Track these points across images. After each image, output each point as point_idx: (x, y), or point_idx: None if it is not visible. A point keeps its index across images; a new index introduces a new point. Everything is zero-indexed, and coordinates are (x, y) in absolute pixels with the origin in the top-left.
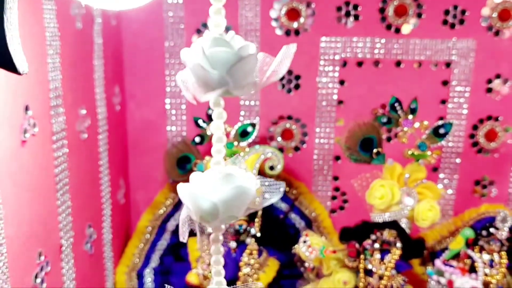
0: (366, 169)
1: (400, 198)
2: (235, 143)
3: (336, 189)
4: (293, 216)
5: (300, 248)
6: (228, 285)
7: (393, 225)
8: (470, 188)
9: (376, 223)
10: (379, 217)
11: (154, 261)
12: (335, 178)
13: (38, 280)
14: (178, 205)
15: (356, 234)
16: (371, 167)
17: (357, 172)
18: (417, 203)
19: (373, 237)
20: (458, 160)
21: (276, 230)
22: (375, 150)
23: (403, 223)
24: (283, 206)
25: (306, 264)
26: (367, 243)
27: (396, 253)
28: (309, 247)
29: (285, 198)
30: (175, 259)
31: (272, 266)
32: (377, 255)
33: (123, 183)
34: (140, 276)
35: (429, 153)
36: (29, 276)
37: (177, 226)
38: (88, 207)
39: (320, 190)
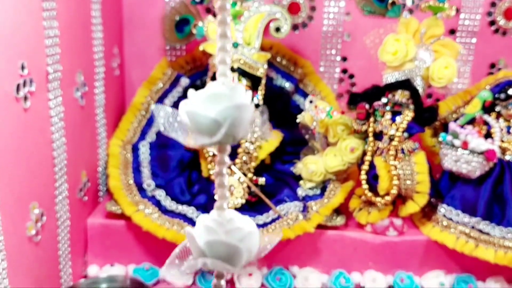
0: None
1: (415, 53)
2: (238, 3)
3: (344, 71)
4: (297, 97)
5: (306, 110)
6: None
7: (406, 85)
8: (485, 72)
9: (388, 85)
10: (391, 77)
11: (150, 136)
12: (344, 59)
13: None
14: (175, 81)
15: (366, 97)
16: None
17: (367, 51)
18: (433, 60)
19: (384, 99)
20: (473, 40)
21: (280, 104)
22: (390, 0)
23: (417, 84)
24: (288, 85)
25: (312, 126)
26: (377, 104)
27: (408, 114)
28: (316, 107)
29: (289, 77)
30: None
31: (275, 137)
32: (388, 116)
33: (118, 52)
34: (135, 149)
35: (447, 5)
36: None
37: (175, 103)
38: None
39: (327, 72)
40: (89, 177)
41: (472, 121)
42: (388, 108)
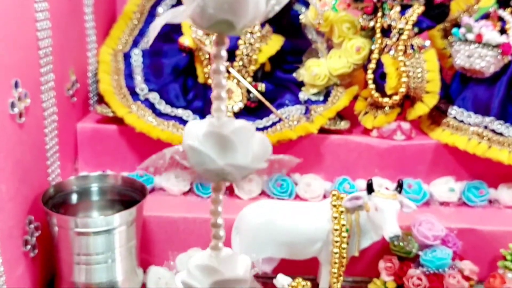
0: None
1: None
2: None
3: None
4: (298, 7)
5: (311, 5)
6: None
7: None
8: None
9: None
10: None
11: (143, 45)
12: None
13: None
14: None
15: None
16: None
17: None
18: None
19: None
20: None
21: (280, 13)
22: None
23: None
24: None
25: (316, 22)
26: None
27: (418, 7)
28: (320, 0)
29: None
30: (166, 41)
31: (275, 40)
32: (397, 9)
33: None
34: (127, 57)
35: None
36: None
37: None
38: None
39: None
40: (78, 78)
41: (486, 17)
42: (397, 0)
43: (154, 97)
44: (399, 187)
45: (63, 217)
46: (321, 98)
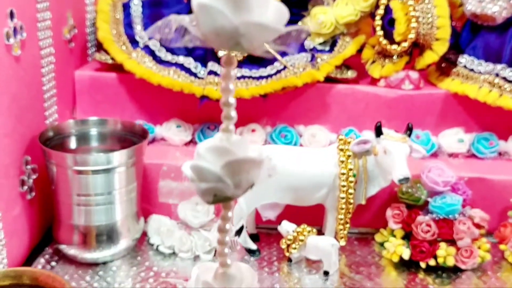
0: None
1: None
2: None
3: None
4: None
5: None
6: None
7: None
8: None
9: None
10: None
11: None
12: None
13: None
14: None
15: None
16: None
17: None
18: None
19: None
20: None
21: None
22: None
23: None
24: None
25: None
26: None
27: None
28: None
29: None
30: None
31: None
32: None
33: None
34: (126, 6)
35: None
36: None
37: None
38: None
39: None
40: (76, 24)
41: None
42: None
43: (154, 44)
44: (409, 130)
45: (61, 154)
46: (327, 48)
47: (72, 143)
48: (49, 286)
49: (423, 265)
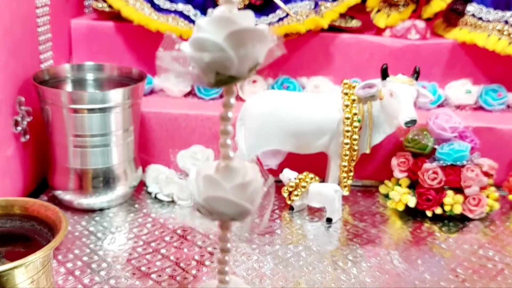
0: None
1: None
2: None
3: None
4: None
5: None
6: None
7: None
8: None
9: None
10: None
11: None
12: None
13: None
14: None
15: None
16: None
17: None
18: None
19: None
20: None
21: None
22: None
23: None
24: None
25: None
26: None
27: None
28: None
29: None
30: None
31: None
32: None
33: None
34: None
35: None
36: None
37: None
38: None
39: None
40: None
41: None
42: None
43: None
44: (416, 73)
45: (56, 91)
46: None
47: (68, 88)
48: (41, 215)
49: (429, 213)
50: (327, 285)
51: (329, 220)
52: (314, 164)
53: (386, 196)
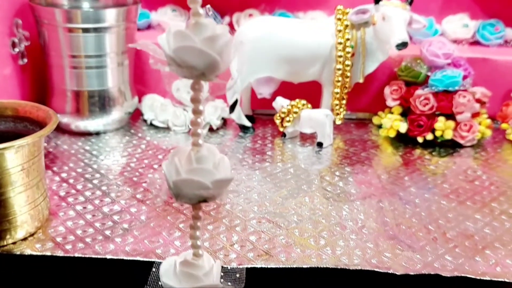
0: None
1: None
2: None
3: None
4: None
5: None
6: None
7: None
8: None
9: None
10: None
11: None
12: None
13: None
14: None
15: None
16: None
17: None
18: None
19: None
20: None
21: None
22: None
23: None
24: None
25: None
26: None
27: None
28: None
29: None
30: None
31: None
32: None
33: None
34: None
35: None
36: None
37: None
38: None
39: None
40: None
41: None
42: None
43: None
44: None
45: (51, 9)
46: None
47: None
48: (33, 116)
49: (420, 139)
50: (312, 195)
51: (319, 145)
52: (308, 96)
53: (380, 126)
